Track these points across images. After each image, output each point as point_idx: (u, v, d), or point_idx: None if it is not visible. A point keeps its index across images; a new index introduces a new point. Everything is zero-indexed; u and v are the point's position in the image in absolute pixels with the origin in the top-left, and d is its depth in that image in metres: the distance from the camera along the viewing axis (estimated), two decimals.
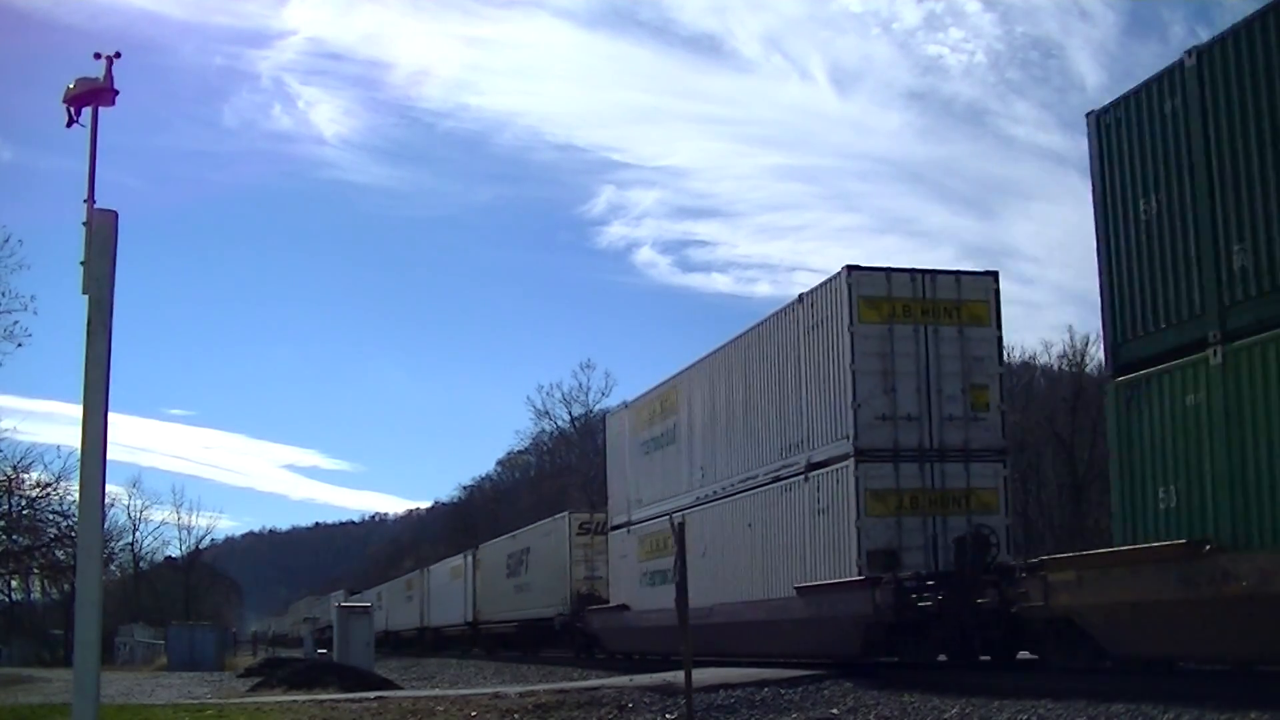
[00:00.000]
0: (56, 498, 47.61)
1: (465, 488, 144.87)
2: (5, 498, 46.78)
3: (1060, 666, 17.13)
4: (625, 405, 38.80)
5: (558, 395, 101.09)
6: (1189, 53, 14.89)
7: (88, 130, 10.86)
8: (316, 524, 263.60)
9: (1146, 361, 15.42)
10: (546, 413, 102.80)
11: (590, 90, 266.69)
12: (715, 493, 28.96)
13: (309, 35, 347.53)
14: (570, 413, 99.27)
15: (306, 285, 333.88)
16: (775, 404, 26.14)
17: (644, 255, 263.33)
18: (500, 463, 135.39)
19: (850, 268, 23.36)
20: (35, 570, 58.95)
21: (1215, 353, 14.10)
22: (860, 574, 22.10)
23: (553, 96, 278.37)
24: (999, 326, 23.94)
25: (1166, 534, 14.51)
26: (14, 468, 45.93)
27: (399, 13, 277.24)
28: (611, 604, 36.75)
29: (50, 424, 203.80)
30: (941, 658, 21.90)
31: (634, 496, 34.99)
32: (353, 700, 22.69)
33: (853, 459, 22.74)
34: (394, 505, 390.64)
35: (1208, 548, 13.74)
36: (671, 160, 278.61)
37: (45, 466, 48.56)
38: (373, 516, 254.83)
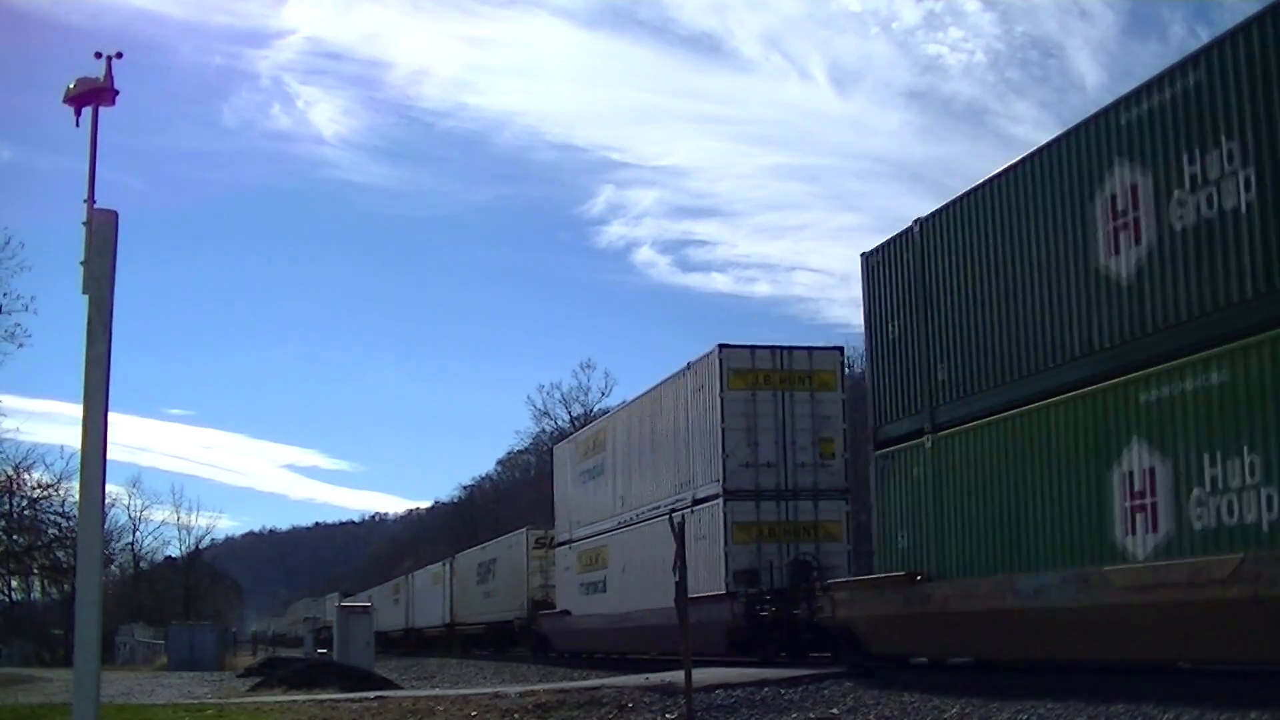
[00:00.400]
0: (58, 498, 47.69)
1: (466, 487, 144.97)
2: (6, 498, 46.79)
3: (856, 662, 21.37)
4: (568, 439, 46.29)
5: (558, 395, 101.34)
6: (916, 222, 20.15)
7: (88, 130, 10.87)
8: (316, 524, 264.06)
9: (894, 441, 20.66)
10: (546, 412, 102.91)
11: (589, 90, 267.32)
12: (632, 518, 34.94)
13: (308, 35, 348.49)
14: (570, 413, 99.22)
15: (306, 285, 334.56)
16: (672, 449, 32.22)
17: (643, 255, 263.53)
18: (501, 462, 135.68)
19: (722, 346, 29.54)
20: (36, 570, 58.98)
21: (928, 439, 19.45)
22: (727, 590, 28.05)
23: (552, 96, 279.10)
24: (844, 390, 29.89)
25: (902, 567, 19.71)
26: (15, 468, 45.98)
27: (398, 12, 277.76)
28: (557, 609, 43.07)
29: (51, 424, 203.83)
30: (783, 655, 26.59)
31: (574, 518, 41.32)
32: (353, 700, 22.70)
33: (722, 498, 28.71)
34: (394, 505, 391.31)
35: (919, 578, 19.18)
36: (671, 160, 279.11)
37: (47, 467, 48.63)
38: (373, 516, 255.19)
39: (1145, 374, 14.59)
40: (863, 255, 21.83)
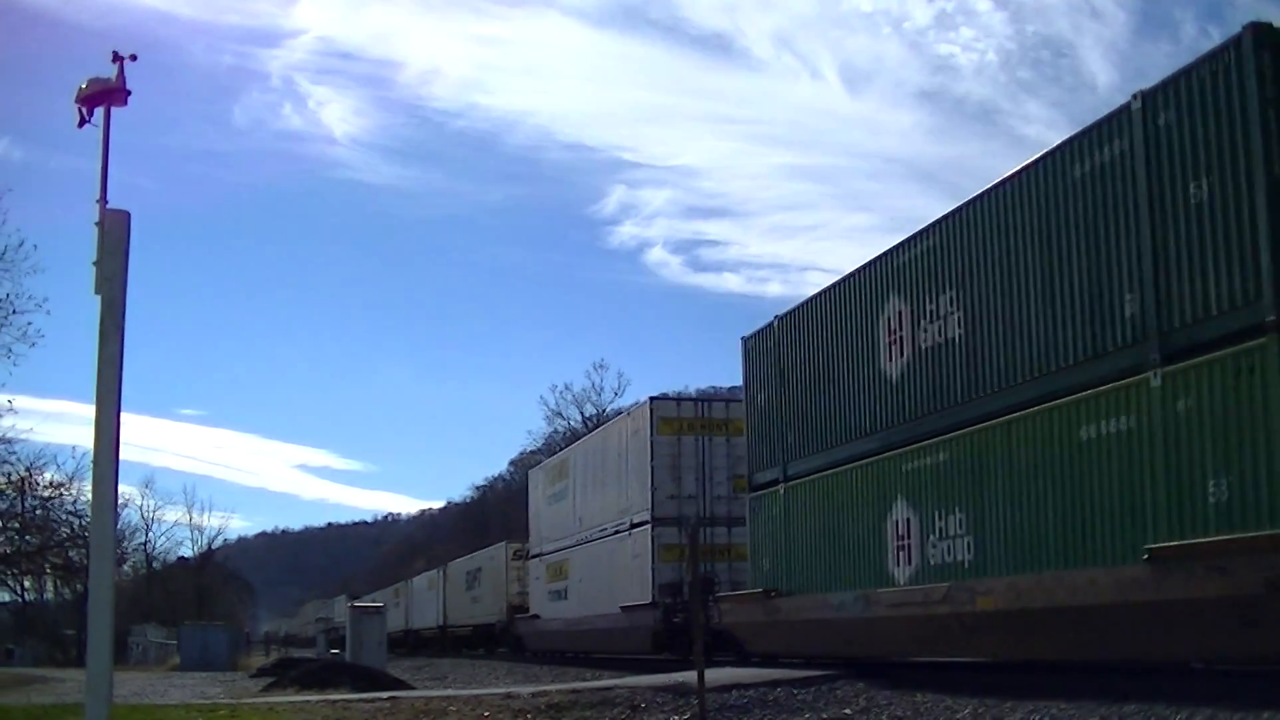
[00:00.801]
0: (70, 498, 47.68)
1: (478, 488, 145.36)
2: (18, 498, 46.81)
3: (742, 656, 26.55)
4: (540, 466, 53.51)
5: (570, 395, 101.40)
6: (776, 318, 25.20)
7: (100, 131, 10.86)
8: (329, 524, 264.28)
9: (761, 486, 25.31)
10: (559, 413, 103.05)
11: (601, 89, 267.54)
12: (587, 536, 40.46)
13: (319, 34, 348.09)
14: (583, 413, 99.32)
15: (318, 285, 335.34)
16: (616, 480, 37.90)
17: (655, 255, 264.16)
18: (513, 463, 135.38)
19: (653, 398, 36.56)
20: (48, 570, 59.09)
21: (781, 487, 24.18)
22: (653, 600, 33.30)
23: (563, 96, 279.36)
24: None
25: (763, 585, 24.43)
26: (28, 468, 45.96)
27: (409, 11, 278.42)
28: (530, 613, 48.65)
29: (63, 424, 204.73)
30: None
31: (543, 534, 47.25)
32: (365, 700, 22.71)
33: (650, 524, 34.05)
34: (407, 505, 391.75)
35: (773, 594, 23.93)
36: (682, 160, 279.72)
37: (59, 467, 48.61)
38: (385, 516, 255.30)
39: (905, 450, 19.86)
40: (742, 338, 26.68)
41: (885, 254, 20.75)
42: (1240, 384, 13.30)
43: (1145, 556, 14.29)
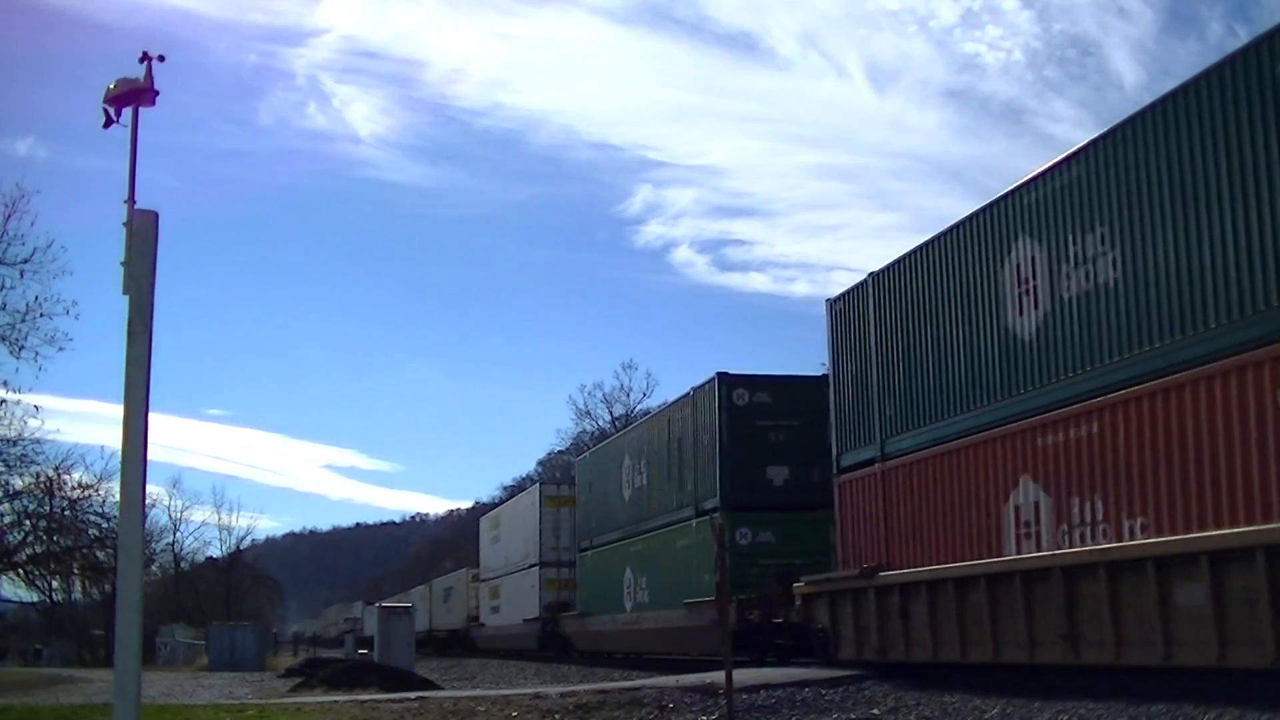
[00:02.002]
0: (98, 498, 47.91)
1: (506, 488, 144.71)
2: (47, 499, 47.01)
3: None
4: (487, 515, 66.76)
5: (599, 395, 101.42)
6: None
7: (128, 131, 10.86)
8: (357, 524, 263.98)
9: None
10: (588, 412, 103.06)
11: (626, 88, 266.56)
12: (509, 570, 55.07)
13: (343, 33, 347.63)
14: (611, 413, 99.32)
15: (344, 284, 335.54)
16: (523, 534, 52.60)
17: (681, 254, 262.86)
18: (541, 463, 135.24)
19: (541, 484, 52.73)
20: (76, 571, 59.30)
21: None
22: (538, 615, 41.54)
23: (588, 94, 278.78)
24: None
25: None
26: (56, 469, 46.15)
27: (433, 10, 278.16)
28: (480, 622, 62.77)
29: (91, 424, 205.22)
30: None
31: (487, 565, 61.86)
32: (394, 700, 22.73)
33: (539, 565, 42.72)
34: (435, 505, 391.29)
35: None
36: (708, 159, 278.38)
37: (87, 467, 48.86)
38: (413, 517, 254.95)
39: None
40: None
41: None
42: None
43: None
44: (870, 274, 22.92)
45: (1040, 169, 17.74)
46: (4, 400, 38.45)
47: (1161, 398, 15.03)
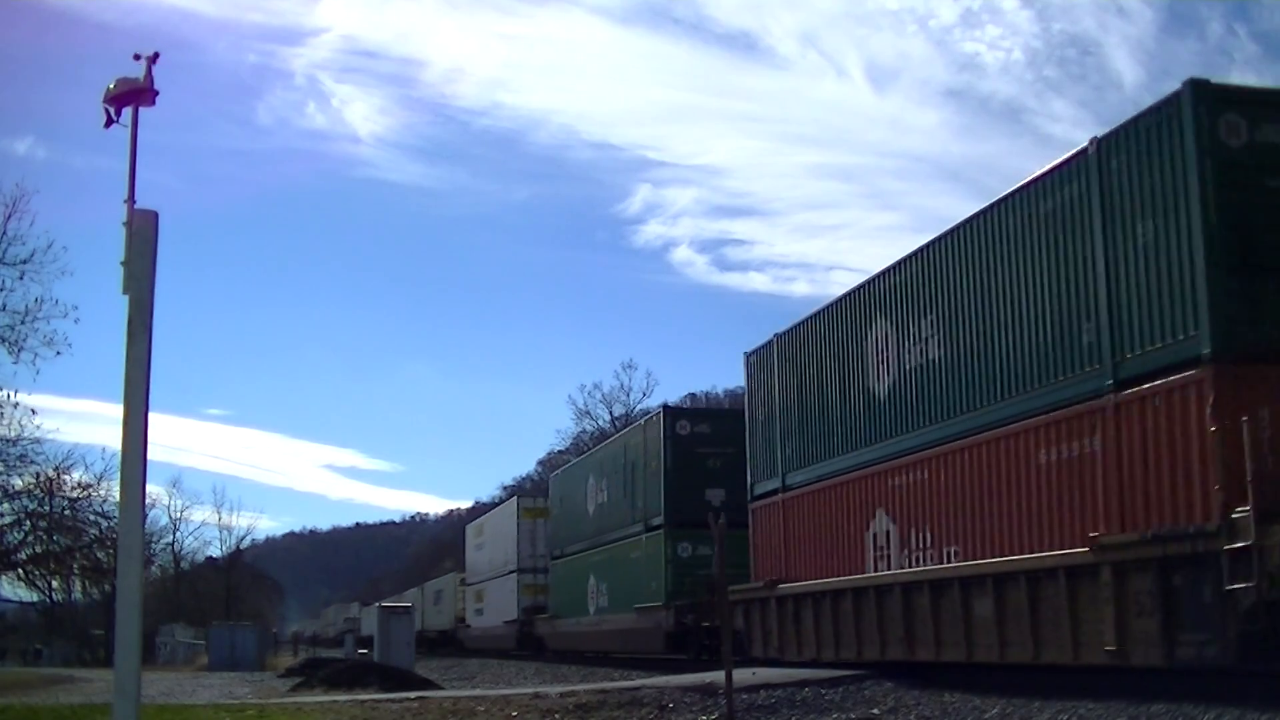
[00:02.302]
0: (98, 498, 47.83)
1: (506, 488, 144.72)
2: (46, 499, 46.94)
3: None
4: (473, 524, 72.39)
5: (599, 395, 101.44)
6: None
7: (128, 130, 10.85)
8: (357, 524, 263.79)
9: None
10: (588, 412, 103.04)
11: (626, 88, 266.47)
12: (491, 575, 60.60)
13: (342, 33, 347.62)
14: (611, 412, 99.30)
15: (343, 284, 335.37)
16: (503, 543, 57.57)
17: (681, 254, 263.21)
18: (541, 463, 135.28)
19: (519, 495, 60.54)
20: (76, 571, 59.24)
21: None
22: (517, 617, 49.15)
23: (588, 94, 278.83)
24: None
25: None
26: (55, 468, 46.06)
27: (432, 10, 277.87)
28: (466, 623, 67.84)
29: (90, 424, 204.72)
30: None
31: (472, 571, 67.05)
32: (393, 700, 22.74)
33: (517, 572, 47.83)
34: (434, 505, 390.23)
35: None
36: (708, 159, 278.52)
37: (87, 467, 48.75)
38: (413, 516, 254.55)
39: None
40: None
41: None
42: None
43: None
44: (775, 335, 27.16)
45: (891, 262, 22.06)
46: (3, 401, 38.30)
47: (965, 453, 19.28)
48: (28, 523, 47.08)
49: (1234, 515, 13.52)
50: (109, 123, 10.82)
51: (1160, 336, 15.23)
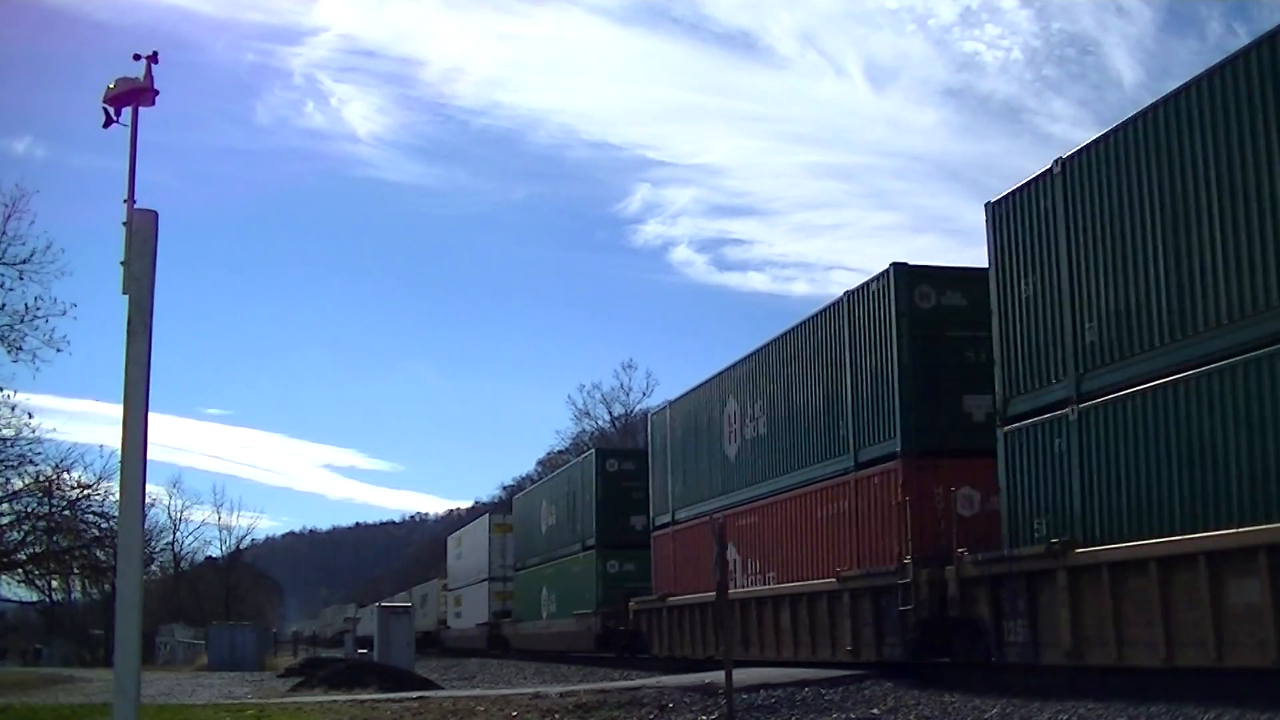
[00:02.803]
0: (97, 499, 47.73)
1: (506, 488, 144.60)
2: (45, 499, 46.85)
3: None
4: (453, 535, 78.68)
5: (599, 395, 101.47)
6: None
7: (128, 130, 10.84)
8: (357, 524, 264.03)
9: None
10: (587, 412, 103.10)
11: (624, 87, 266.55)
12: (467, 582, 67.16)
13: (341, 32, 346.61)
14: (611, 413, 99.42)
15: (342, 284, 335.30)
16: (476, 554, 64.15)
17: (680, 254, 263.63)
18: (541, 462, 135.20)
19: (491, 515, 65.25)
20: (76, 571, 59.15)
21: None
22: (487, 620, 58.52)
23: (587, 93, 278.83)
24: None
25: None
26: (54, 468, 45.98)
27: (431, 9, 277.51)
28: (447, 625, 74.21)
29: (89, 424, 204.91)
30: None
31: (453, 578, 73.48)
32: (393, 700, 22.73)
33: (489, 580, 52.54)
34: (434, 505, 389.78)
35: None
36: (707, 158, 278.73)
37: (86, 467, 48.65)
38: (413, 516, 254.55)
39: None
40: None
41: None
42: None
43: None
44: (668, 401, 35.28)
45: (740, 356, 28.87)
46: (1, 403, 38.27)
47: (779, 505, 25.86)
48: (27, 523, 47.01)
49: (904, 561, 20.09)
50: (108, 122, 10.81)
51: (877, 437, 21.93)
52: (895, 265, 21.60)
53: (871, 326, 22.24)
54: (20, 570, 52.60)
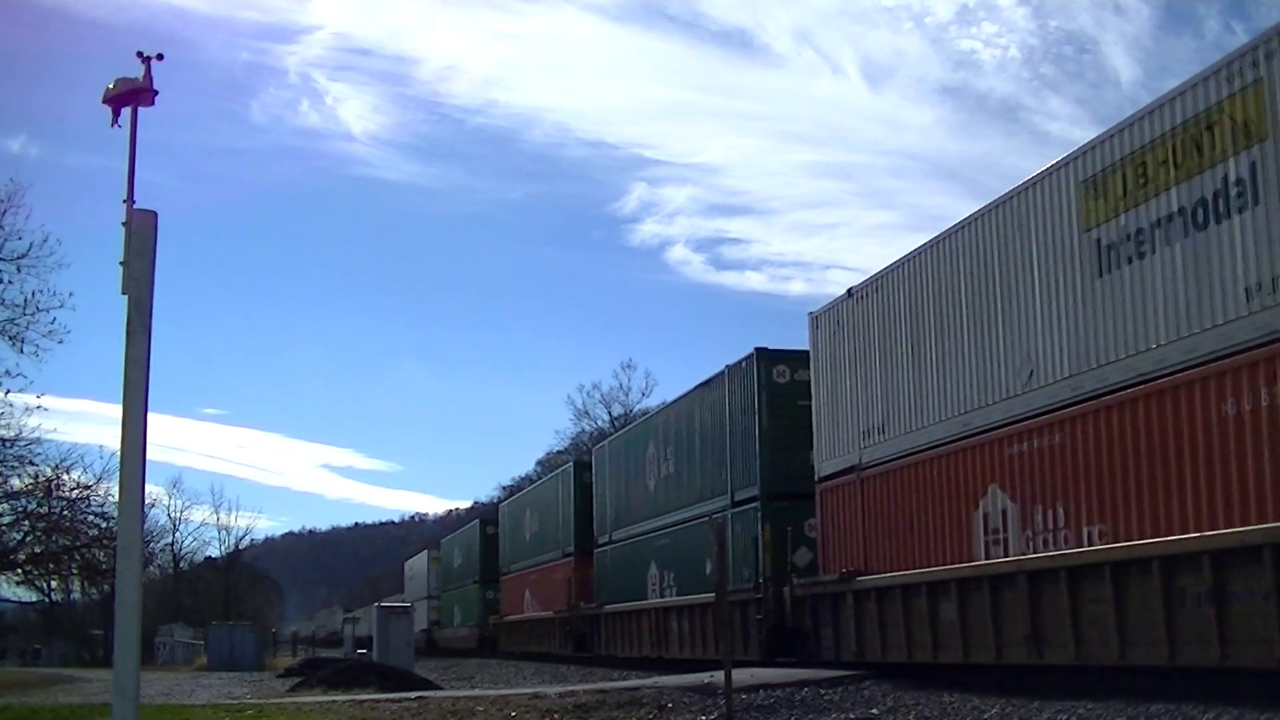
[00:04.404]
0: (97, 499, 47.71)
1: (505, 488, 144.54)
2: (45, 499, 46.84)
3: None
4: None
5: (598, 395, 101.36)
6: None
7: (126, 130, 10.84)
8: (356, 524, 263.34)
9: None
10: (587, 412, 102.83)
11: (620, 86, 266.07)
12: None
13: (336, 30, 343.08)
14: (610, 413, 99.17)
15: (339, 283, 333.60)
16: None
17: (677, 253, 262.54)
18: (540, 463, 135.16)
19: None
20: (75, 571, 59.16)
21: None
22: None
23: (582, 92, 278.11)
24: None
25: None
26: (54, 468, 45.96)
27: (426, 7, 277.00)
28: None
29: (88, 424, 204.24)
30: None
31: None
32: (393, 700, 22.73)
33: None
34: (433, 505, 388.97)
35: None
36: (703, 157, 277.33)
37: (86, 467, 48.61)
38: (412, 516, 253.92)
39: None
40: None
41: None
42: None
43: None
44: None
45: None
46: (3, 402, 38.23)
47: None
48: (26, 523, 47.00)
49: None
50: (113, 122, 10.81)
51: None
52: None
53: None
54: (19, 570, 52.58)
